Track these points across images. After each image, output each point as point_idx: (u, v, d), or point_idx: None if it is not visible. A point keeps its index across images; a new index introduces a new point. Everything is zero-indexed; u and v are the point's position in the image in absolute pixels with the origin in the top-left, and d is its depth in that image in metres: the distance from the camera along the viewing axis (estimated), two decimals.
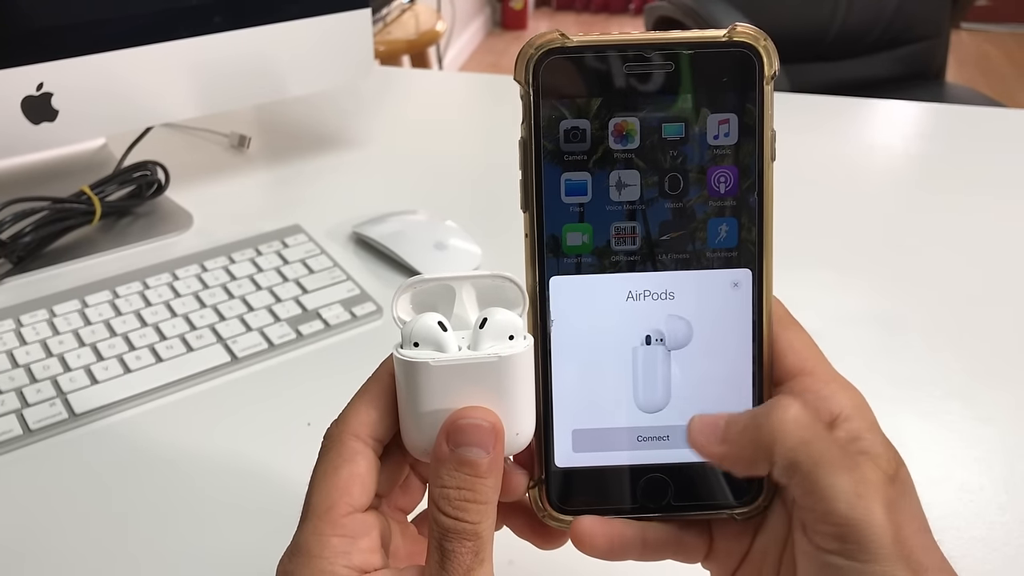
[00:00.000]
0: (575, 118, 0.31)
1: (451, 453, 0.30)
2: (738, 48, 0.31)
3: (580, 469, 0.33)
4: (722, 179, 0.32)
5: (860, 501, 0.28)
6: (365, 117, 0.97)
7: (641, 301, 0.32)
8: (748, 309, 0.32)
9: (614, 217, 0.32)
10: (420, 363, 0.30)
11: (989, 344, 0.62)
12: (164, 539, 0.47)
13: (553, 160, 0.32)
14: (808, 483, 0.28)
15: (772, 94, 0.31)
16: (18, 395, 0.55)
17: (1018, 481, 0.51)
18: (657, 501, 0.33)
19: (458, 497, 0.29)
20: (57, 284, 0.66)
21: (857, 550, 0.28)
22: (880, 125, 1.01)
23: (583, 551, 0.33)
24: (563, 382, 0.33)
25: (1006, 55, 3.63)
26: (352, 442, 0.31)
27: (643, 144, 0.31)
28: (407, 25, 2.36)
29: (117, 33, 0.69)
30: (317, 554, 0.29)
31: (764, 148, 0.31)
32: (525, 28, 4.01)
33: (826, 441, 0.29)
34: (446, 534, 0.29)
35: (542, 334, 0.32)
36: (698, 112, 0.31)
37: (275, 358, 0.60)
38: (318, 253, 0.70)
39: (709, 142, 0.31)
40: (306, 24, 0.78)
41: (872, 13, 1.81)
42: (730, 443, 0.30)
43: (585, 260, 0.32)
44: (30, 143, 0.70)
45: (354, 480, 0.30)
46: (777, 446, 0.29)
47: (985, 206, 0.80)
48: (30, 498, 0.49)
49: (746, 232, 0.32)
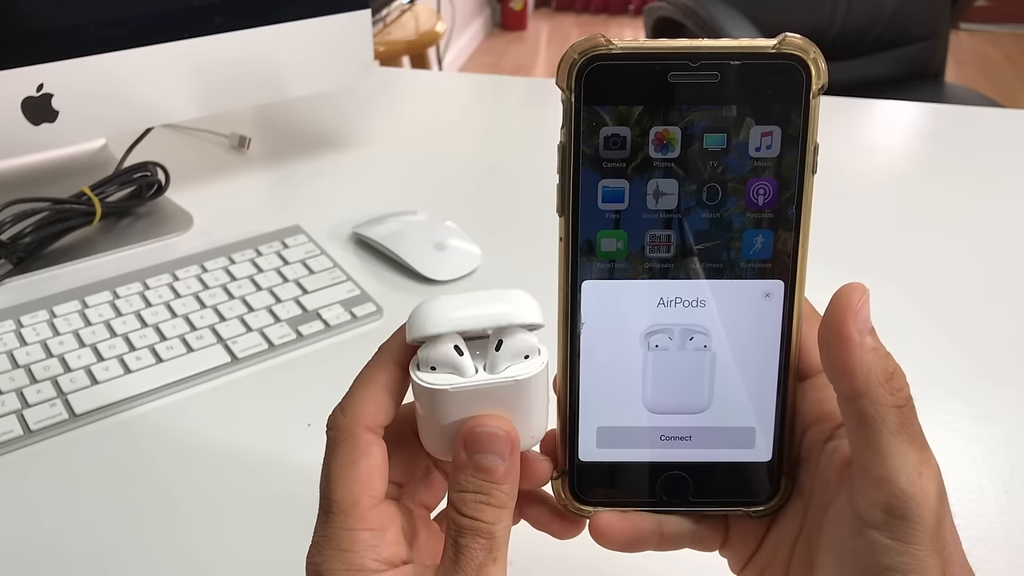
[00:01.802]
0: (616, 125, 0.31)
1: (469, 459, 0.30)
2: (787, 60, 0.30)
3: (603, 463, 0.34)
4: (761, 191, 0.31)
5: (920, 480, 0.28)
6: (365, 118, 0.97)
7: (672, 308, 0.33)
8: (778, 319, 0.33)
9: (650, 225, 0.32)
10: (439, 390, 0.31)
11: (989, 343, 0.62)
12: (164, 539, 0.47)
13: (592, 166, 0.31)
14: (876, 442, 0.28)
15: (819, 107, 0.31)
16: (18, 396, 0.55)
17: (1018, 481, 0.51)
18: (676, 497, 0.34)
19: (475, 500, 0.30)
20: (57, 285, 0.66)
21: (902, 528, 0.28)
22: (880, 125, 1.02)
23: (602, 545, 0.34)
24: (590, 381, 0.33)
25: (1006, 55, 3.63)
26: (365, 434, 0.31)
27: (683, 153, 0.31)
28: (407, 26, 2.36)
29: (117, 34, 0.70)
30: (347, 548, 0.30)
31: (806, 161, 0.31)
32: (525, 29, 4.01)
33: (907, 412, 0.29)
34: (462, 531, 0.30)
35: (571, 335, 0.33)
36: (741, 123, 0.31)
37: (275, 358, 0.60)
38: (318, 254, 0.70)
39: (751, 153, 0.31)
40: (306, 25, 0.78)
41: (871, 13, 1.81)
42: (837, 335, 0.29)
43: (618, 266, 0.32)
44: (30, 144, 0.70)
45: (374, 472, 0.31)
46: (870, 377, 0.29)
47: (985, 206, 0.80)
48: (30, 498, 0.49)
49: (781, 244, 0.32)
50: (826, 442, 0.32)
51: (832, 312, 0.30)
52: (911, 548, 0.28)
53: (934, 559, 0.28)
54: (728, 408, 0.33)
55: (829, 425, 0.32)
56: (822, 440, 0.32)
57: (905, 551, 0.28)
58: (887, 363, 0.29)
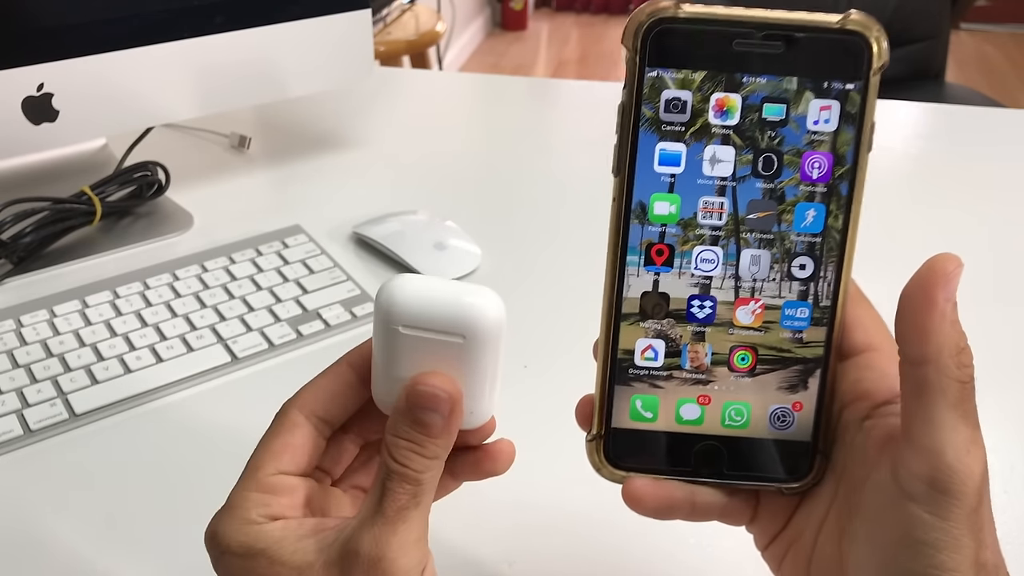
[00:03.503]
0: (678, 89, 0.31)
1: (408, 412, 0.31)
2: (850, 36, 0.31)
3: (638, 430, 0.34)
4: (816, 165, 0.32)
5: (967, 457, 0.28)
6: (365, 117, 0.97)
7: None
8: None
9: (704, 191, 0.32)
10: (392, 329, 0.32)
11: (988, 344, 0.62)
12: (164, 539, 0.47)
13: (651, 128, 0.31)
14: (930, 412, 0.28)
15: (877, 85, 0.31)
16: (19, 395, 0.55)
17: (1018, 481, 0.51)
18: (710, 468, 0.34)
19: (408, 447, 0.31)
20: (58, 284, 0.66)
21: (942, 503, 0.28)
22: (880, 125, 1.01)
23: (634, 510, 0.34)
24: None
25: (1006, 55, 3.63)
26: (294, 415, 0.33)
27: (742, 121, 0.31)
28: (407, 26, 2.36)
29: (118, 33, 0.70)
30: (237, 505, 0.31)
31: (863, 138, 0.31)
32: (525, 29, 4.01)
33: (968, 390, 0.29)
34: (390, 475, 0.30)
35: (617, 300, 0.33)
36: (801, 95, 0.31)
37: (275, 358, 0.60)
38: (318, 253, 0.70)
39: (808, 127, 0.31)
40: (306, 25, 0.78)
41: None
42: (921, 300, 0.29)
43: (669, 230, 0.32)
44: (31, 143, 0.70)
45: (286, 448, 0.33)
46: (943, 346, 0.28)
47: (985, 206, 0.80)
48: (30, 498, 0.49)
49: (832, 219, 0.32)
50: (864, 420, 0.32)
51: (924, 274, 0.29)
52: (947, 524, 0.28)
53: (969, 539, 0.28)
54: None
55: (867, 404, 0.32)
56: (859, 419, 0.32)
57: (941, 527, 0.28)
58: (961, 339, 0.29)
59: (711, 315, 0.33)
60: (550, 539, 0.44)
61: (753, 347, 0.33)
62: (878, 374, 0.32)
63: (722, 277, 0.33)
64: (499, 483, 0.37)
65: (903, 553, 0.28)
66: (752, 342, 0.33)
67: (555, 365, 0.59)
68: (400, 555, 0.29)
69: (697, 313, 0.33)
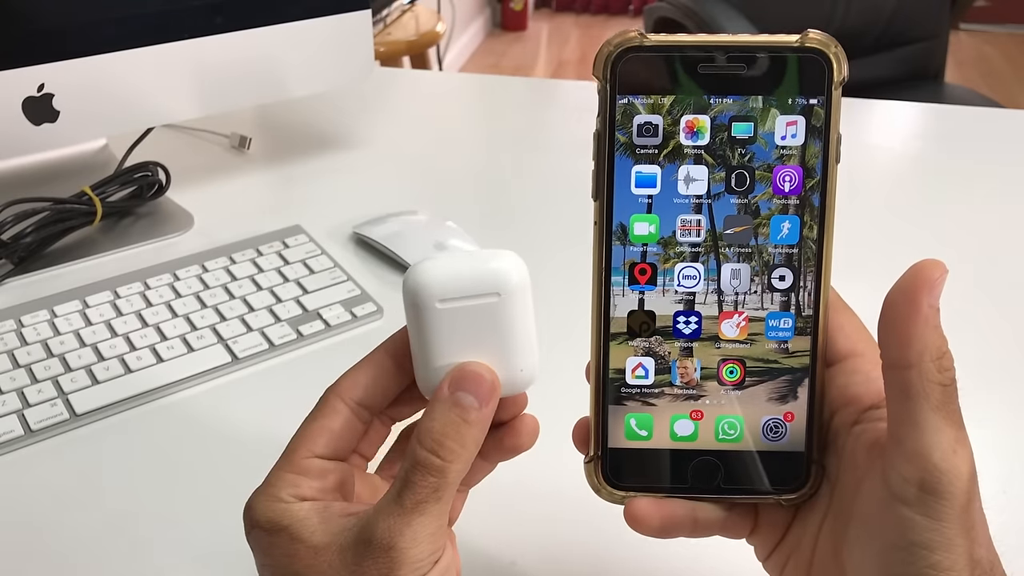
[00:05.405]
0: (648, 113, 0.32)
1: (449, 395, 0.32)
2: (809, 53, 0.32)
3: (634, 449, 0.34)
4: (787, 178, 0.33)
5: (953, 458, 0.28)
6: (365, 118, 0.97)
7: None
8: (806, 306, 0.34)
9: (681, 210, 0.33)
10: (429, 308, 0.32)
11: (987, 344, 0.62)
12: (165, 539, 0.47)
13: (625, 152, 0.33)
14: (915, 416, 0.29)
15: (840, 99, 0.32)
16: (19, 395, 0.55)
17: (1017, 481, 0.51)
18: (707, 483, 0.35)
19: (441, 434, 0.31)
20: (58, 285, 0.66)
21: (932, 504, 0.28)
22: (879, 126, 1.02)
23: (638, 531, 0.34)
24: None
25: (1005, 56, 3.63)
26: (333, 400, 0.34)
27: (713, 141, 0.32)
28: (407, 26, 2.36)
29: (118, 34, 0.70)
30: (270, 483, 0.32)
31: (830, 150, 0.32)
32: (525, 29, 4.01)
33: (950, 392, 0.29)
34: (415, 466, 0.31)
35: (605, 320, 0.34)
36: (767, 113, 0.32)
37: (276, 358, 0.60)
38: (318, 253, 0.70)
39: (776, 142, 0.32)
40: (307, 25, 0.78)
41: (871, 14, 1.81)
42: (902, 305, 0.30)
43: (650, 249, 0.33)
44: (31, 144, 0.70)
45: (322, 432, 0.33)
46: (925, 351, 0.29)
47: (984, 207, 0.80)
48: (31, 498, 0.49)
49: (807, 230, 0.33)
50: (853, 425, 0.32)
51: (908, 280, 0.30)
52: (939, 525, 0.28)
53: (961, 538, 0.28)
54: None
55: (856, 409, 0.33)
56: (849, 424, 0.33)
57: (933, 527, 0.28)
58: (943, 343, 0.30)
59: (697, 330, 0.34)
60: (553, 538, 0.45)
61: (740, 360, 0.34)
62: (863, 378, 0.33)
63: (705, 292, 0.33)
64: (500, 483, 0.38)
65: (898, 556, 0.29)
66: (739, 355, 0.34)
67: (556, 362, 0.59)
68: (411, 545, 0.30)
69: (683, 329, 0.34)
